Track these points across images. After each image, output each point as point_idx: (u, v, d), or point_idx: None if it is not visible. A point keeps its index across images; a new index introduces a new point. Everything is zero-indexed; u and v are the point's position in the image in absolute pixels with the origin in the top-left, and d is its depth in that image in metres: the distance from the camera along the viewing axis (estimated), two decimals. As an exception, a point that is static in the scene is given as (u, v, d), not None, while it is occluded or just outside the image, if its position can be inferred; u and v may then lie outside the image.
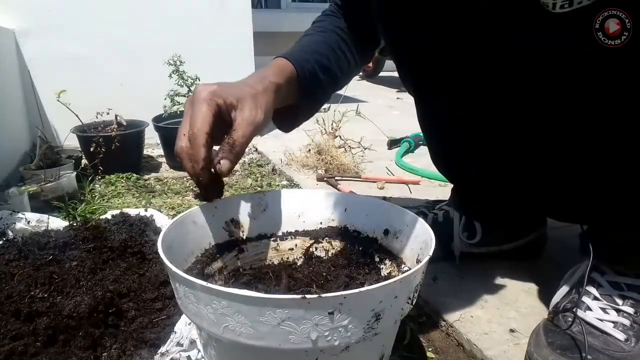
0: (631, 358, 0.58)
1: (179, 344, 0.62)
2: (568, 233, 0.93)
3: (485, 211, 0.87)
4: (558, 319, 0.64)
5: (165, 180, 1.45)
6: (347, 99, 2.18)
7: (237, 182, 1.43)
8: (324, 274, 0.64)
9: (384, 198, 0.75)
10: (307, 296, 0.41)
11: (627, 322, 0.61)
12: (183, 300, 0.49)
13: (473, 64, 0.65)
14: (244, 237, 0.70)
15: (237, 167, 1.57)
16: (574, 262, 0.71)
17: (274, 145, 1.76)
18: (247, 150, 1.76)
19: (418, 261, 0.55)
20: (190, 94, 1.53)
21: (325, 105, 2.31)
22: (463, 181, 0.88)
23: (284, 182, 1.45)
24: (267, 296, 0.42)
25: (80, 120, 1.46)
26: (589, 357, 0.57)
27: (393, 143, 1.74)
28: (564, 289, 0.68)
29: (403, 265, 0.63)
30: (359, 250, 0.68)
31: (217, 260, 0.66)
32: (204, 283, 0.44)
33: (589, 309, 0.63)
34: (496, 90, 0.65)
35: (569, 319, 0.62)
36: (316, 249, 0.71)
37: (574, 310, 0.62)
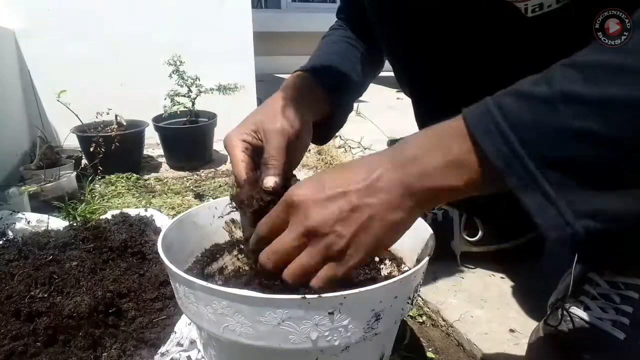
0: (631, 356, 0.58)
1: (179, 344, 0.62)
2: (568, 233, 0.93)
3: (484, 208, 0.87)
4: (553, 317, 0.64)
5: (165, 180, 1.45)
6: (347, 99, 2.17)
7: (237, 182, 1.43)
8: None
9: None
10: (307, 296, 0.41)
11: (626, 320, 0.61)
12: (183, 300, 0.49)
13: (470, 62, 0.65)
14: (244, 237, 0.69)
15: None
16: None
17: (274, 145, 1.76)
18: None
19: (418, 261, 0.55)
20: (190, 94, 1.53)
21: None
22: None
23: (284, 182, 1.45)
24: (267, 296, 0.42)
25: (80, 120, 1.46)
26: (587, 356, 0.57)
27: (393, 143, 1.74)
28: (559, 290, 0.69)
29: (403, 265, 0.63)
30: (359, 250, 0.68)
31: (217, 260, 0.66)
32: (204, 283, 0.44)
33: (588, 308, 0.63)
34: (495, 87, 0.65)
35: (559, 315, 0.62)
36: (316, 249, 0.71)
37: (563, 305, 0.62)
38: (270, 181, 0.53)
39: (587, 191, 0.36)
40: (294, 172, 0.61)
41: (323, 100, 0.68)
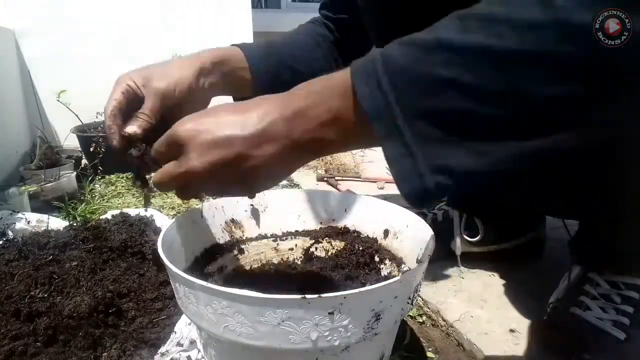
0: (631, 357, 0.58)
1: (179, 344, 0.62)
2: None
3: (484, 207, 0.88)
4: (553, 317, 0.64)
5: (165, 180, 1.45)
6: (347, 99, 2.18)
7: (237, 182, 1.43)
8: (324, 274, 0.64)
9: (384, 198, 0.76)
10: (307, 296, 0.41)
11: (626, 320, 0.61)
12: (183, 300, 0.49)
13: None
14: (244, 237, 0.70)
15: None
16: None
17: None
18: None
19: (418, 261, 0.55)
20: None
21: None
22: None
23: (284, 182, 1.45)
24: (267, 296, 0.42)
25: (80, 120, 1.46)
26: (587, 356, 0.57)
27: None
28: (559, 290, 0.69)
29: (403, 265, 0.63)
30: (359, 250, 0.68)
31: (217, 260, 0.66)
32: (204, 283, 0.44)
33: (588, 308, 0.63)
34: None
35: (559, 315, 0.62)
36: (316, 249, 0.71)
37: (563, 305, 0.63)
38: (130, 128, 0.55)
39: (447, 145, 0.35)
40: None
41: (244, 82, 0.68)
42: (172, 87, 0.59)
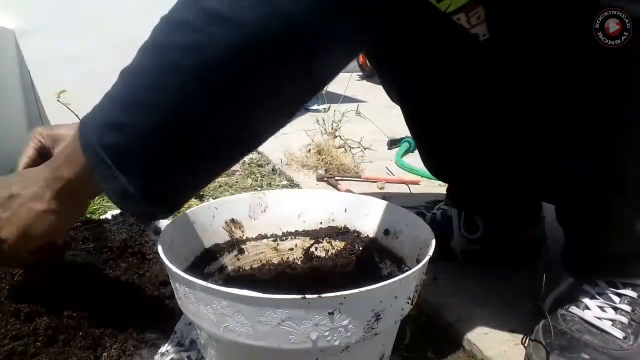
0: (630, 356, 0.59)
1: (179, 344, 0.62)
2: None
3: (480, 205, 0.88)
4: (552, 317, 0.64)
5: (165, 180, 1.45)
6: (347, 99, 2.18)
7: (237, 182, 1.43)
8: (324, 274, 0.65)
9: (384, 198, 0.76)
10: (307, 296, 0.41)
11: (624, 319, 0.61)
12: (183, 300, 0.49)
13: (445, 74, 0.67)
14: (244, 237, 0.70)
15: (237, 167, 1.57)
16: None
17: (274, 145, 1.76)
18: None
19: (418, 261, 0.55)
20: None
21: (325, 105, 2.28)
22: (453, 180, 0.90)
23: (284, 182, 1.45)
24: (267, 296, 0.42)
25: (80, 120, 1.46)
26: (586, 356, 0.57)
27: (393, 143, 1.74)
28: (558, 290, 0.69)
29: (403, 265, 0.63)
30: (359, 250, 0.68)
31: (217, 260, 0.66)
32: (204, 283, 0.44)
33: (587, 307, 0.64)
34: (484, 95, 0.66)
35: (558, 315, 0.63)
36: (316, 249, 0.72)
37: (562, 305, 0.64)
38: None
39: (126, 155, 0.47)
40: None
41: None
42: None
